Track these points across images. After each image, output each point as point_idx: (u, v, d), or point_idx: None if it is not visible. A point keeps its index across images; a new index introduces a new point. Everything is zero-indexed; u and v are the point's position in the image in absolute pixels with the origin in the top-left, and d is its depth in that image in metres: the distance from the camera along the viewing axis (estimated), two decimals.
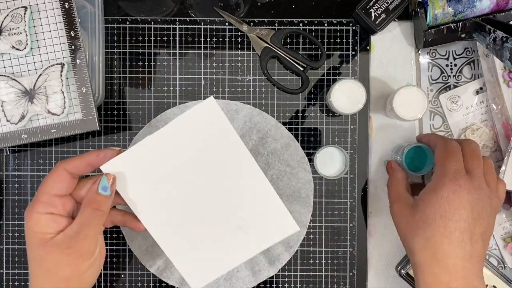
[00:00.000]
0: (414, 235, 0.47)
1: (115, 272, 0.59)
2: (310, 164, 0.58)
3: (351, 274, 0.60)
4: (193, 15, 0.59)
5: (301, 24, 0.59)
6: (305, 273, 0.59)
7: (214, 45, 0.59)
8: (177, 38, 0.59)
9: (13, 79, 0.54)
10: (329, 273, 0.59)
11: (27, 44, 0.54)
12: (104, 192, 0.46)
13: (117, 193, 0.48)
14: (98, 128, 0.54)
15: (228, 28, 0.59)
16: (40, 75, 0.54)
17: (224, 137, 0.48)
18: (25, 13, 0.53)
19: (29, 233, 0.44)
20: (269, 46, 0.58)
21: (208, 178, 0.49)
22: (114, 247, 0.59)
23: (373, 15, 0.56)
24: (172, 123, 0.48)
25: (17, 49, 0.54)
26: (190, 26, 0.59)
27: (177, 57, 0.59)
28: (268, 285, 0.59)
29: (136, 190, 0.48)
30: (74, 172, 0.46)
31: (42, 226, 0.44)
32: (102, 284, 0.59)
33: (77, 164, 0.46)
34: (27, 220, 0.44)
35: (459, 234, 0.45)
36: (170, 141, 0.48)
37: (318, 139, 0.59)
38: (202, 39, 0.59)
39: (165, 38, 0.59)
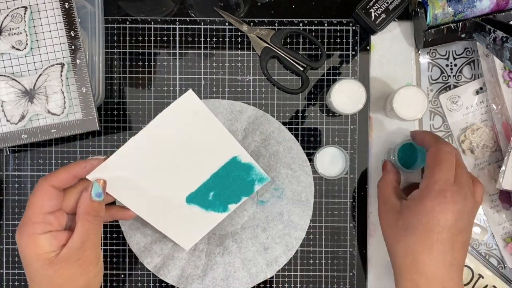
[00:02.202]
0: (396, 240, 0.48)
1: (115, 272, 0.59)
2: (311, 164, 0.58)
3: (351, 274, 0.60)
4: (193, 15, 0.59)
5: (301, 24, 0.59)
6: (305, 273, 0.59)
7: (214, 45, 0.59)
8: (177, 38, 0.59)
9: (13, 79, 0.54)
10: (329, 273, 0.59)
11: (27, 44, 0.54)
12: (98, 198, 0.46)
13: None
14: (98, 128, 0.54)
15: (228, 28, 0.59)
16: (40, 75, 0.54)
17: (205, 123, 0.52)
18: (25, 13, 0.53)
19: (31, 256, 0.44)
20: (269, 46, 0.58)
21: (192, 159, 0.53)
22: (114, 247, 0.59)
23: (373, 15, 0.56)
24: (155, 120, 0.50)
25: (17, 49, 0.54)
26: (190, 26, 0.59)
27: (177, 57, 0.59)
28: (268, 285, 0.59)
29: (124, 186, 0.51)
30: (60, 186, 0.46)
31: (43, 246, 0.44)
32: (102, 284, 0.59)
33: (63, 179, 0.46)
34: (24, 245, 0.44)
35: (440, 245, 0.45)
36: (156, 136, 0.51)
37: (318, 139, 0.59)
38: (202, 39, 0.59)
39: (165, 38, 0.59)
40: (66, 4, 0.54)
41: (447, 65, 0.60)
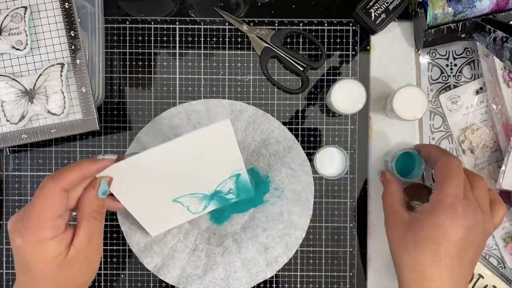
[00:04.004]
0: (404, 252, 0.47)
1: (115, 272, 0.59)
2: (311, 164, 0.58)
3: (351, 274, 0.60)
4: (193, 15, 0.59)
5: (301, 24, 0.59)
6: (305, 273, 0.59)
7: (214, 45, 0.59)
8: (177, 38, 0.59)
9: (13, 79, 0.54)
10: (329, 273, 0.59)
11: (27, 44, 0.54)
12: (104, 196, 0.45)
13: None
14: (98, 128, 0.54)
15: (228, 28, 0.59)
16: (40, 75, 0.54)
17: (228, 158, 0.51)
18: (25, 13, 0.53)
19: (40, 262, 0.42)
20: (269, 46, 0.58)
21: (199, 187, 0.53)
22: (114, 247, 0.59)
23: (373, 15, 0.56)
24: (182, 138, 0.46)
25: (17, 49, 0.54)
26: (190, 26, 0.59)
27: (177, 57, 0.59)
28: (268, 285, 0.59)
29: (126, 188, 0.48)
30: (70, 188, 0.43)
31: (53, 251, 0.42)
32: (102, 284, 0.59)
33: (74, 180, 0.43)
34: (31, 251, 0.41)
35: (449, 259, 0.45)
36: (174, 154, 0.47)
37: (318, 139, 0.59)
38: (202, 39, 0.59)
39: (165, 38, 0.59)
40: (66, 4, 0.54)
41: (447, 65, 0.60)
